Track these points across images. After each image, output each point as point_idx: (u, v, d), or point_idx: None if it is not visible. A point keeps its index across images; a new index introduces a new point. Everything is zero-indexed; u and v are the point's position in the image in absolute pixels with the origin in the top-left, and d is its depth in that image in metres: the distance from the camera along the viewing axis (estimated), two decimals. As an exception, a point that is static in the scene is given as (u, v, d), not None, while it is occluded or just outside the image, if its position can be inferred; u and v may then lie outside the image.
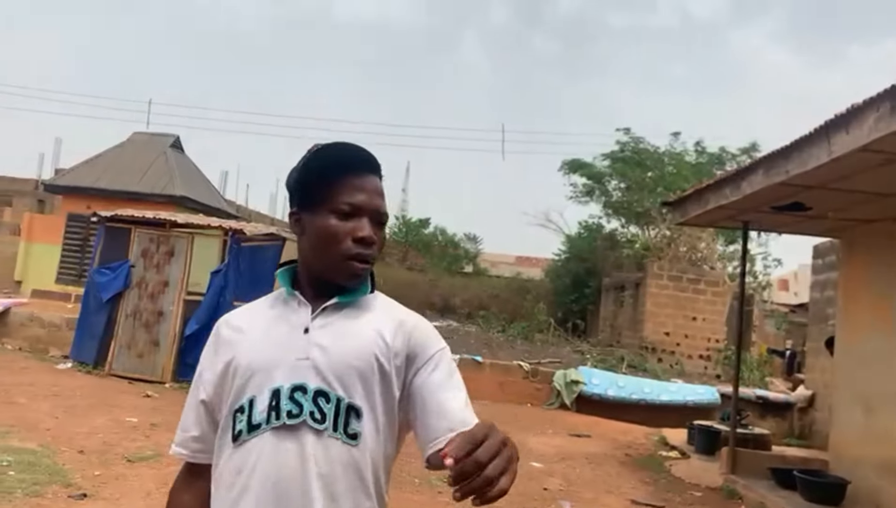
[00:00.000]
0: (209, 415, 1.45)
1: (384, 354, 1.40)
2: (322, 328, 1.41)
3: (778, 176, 6.01)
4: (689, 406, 10.79)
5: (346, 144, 1.49)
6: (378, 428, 1.38)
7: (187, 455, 1.49)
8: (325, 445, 1.33)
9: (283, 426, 1.33)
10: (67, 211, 17.73)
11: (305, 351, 1.38)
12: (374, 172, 1.47)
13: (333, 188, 1.42)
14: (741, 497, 7.02)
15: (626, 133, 21.83)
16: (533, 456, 7.89)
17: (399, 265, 29.77)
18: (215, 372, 1.44)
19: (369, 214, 1.43)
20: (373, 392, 1.37)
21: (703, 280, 16.78)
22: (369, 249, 1.42)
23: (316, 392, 1.35)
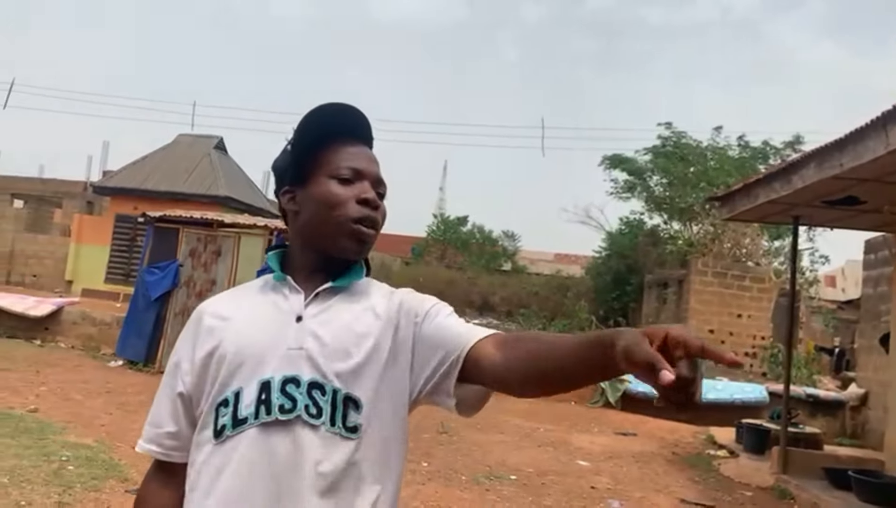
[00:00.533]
0: (187, 410, 1.32)
1: (383, 337, 1.30)
2: (316, 316, 1.30)
3: (831, 169, 5.88)
4: (737, 405, 10.62)
5: (339, 106, 1.36)
6: (382, 416, 1.28)
7: (160, 453, 1.34)
8: (323, 441, 1.22)
9: (274, 421, 1.22)
10: (115, 212, 18.17)
11: (298, 341, 1.27)
12: (368, 142, 1.40)
13: (330, 154, 1.34)
14: (793, 498, 6.88)
15: (667, 127, 21.53)
16: (580, 455, 7.85)
17: (437, 264, 29.82)
18: (195, 363, 1.30)
19: (370, 180, 1.35)
20: (374, 380, 1.27)
21: (748, 277, 16.48)
22: (375, 212, 1.33)
23: (310, 384, 1.24)
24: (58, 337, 12.06)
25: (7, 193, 25.95)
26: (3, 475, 4.94)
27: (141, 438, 1.36)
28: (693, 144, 21.29)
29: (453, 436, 8.04)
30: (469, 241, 33.34)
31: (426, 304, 1.35)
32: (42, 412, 7.12)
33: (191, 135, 20.90)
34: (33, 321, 12.04)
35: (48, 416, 6.95)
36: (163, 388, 1.35)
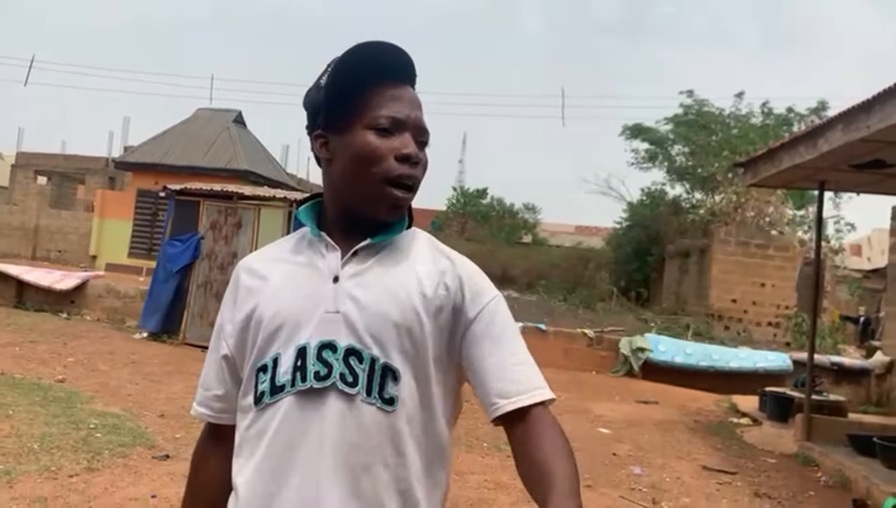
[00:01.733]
0: (232, 372, 1.29)
1: (428, 304, 1.21)
2: (354, 277, 1.22)
3: (858, 132, 5.75)
4: (760, 373, 10.56)
5: (379, 46, 1.24)
6: (422, 389, 1.21)
7: (211, 416, 1.33)
8: (358, 411, 1.16)
9: (309, 388, 1.16)
10: (137, 187, 18.32)
11: (335, 303, 1.20)
12: (411, 82, 1.28)
13: (369, 100, 1.22)
14: (817, 464, 6.85)
15: (688, 96, 21.26)
16: (601, 423, 7.86)
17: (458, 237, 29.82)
18: (236, 325, 1.26)
19: (412, 129, 1.23)
20: (415, 350, 1.20)
21: (771, 246, 16.29)
22: (414, 169, 1.23)
23: (347, 351, 1.17)
24: (83, 310, 12.24)
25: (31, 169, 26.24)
26: (34, 441, 5.04)
27: (194, 401, 1.35)
28: (715, 112, 21.00)
29: (475, 404, 8.03)
30: (489, 213, 33.32)
31: (482, 299, 1.25)
32: (69, 381, 7.24)
33: (210, 109, 20.96)
34: (59, 294, 12.22)
35: (76, 386, 7.06)
36: (210, 351, 1.33)
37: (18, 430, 5.26)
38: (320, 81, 1.26)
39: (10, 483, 4.25)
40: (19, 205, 23.03)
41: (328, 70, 1.25)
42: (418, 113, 1.26)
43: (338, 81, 1.22)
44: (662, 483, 5.82)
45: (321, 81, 1.26)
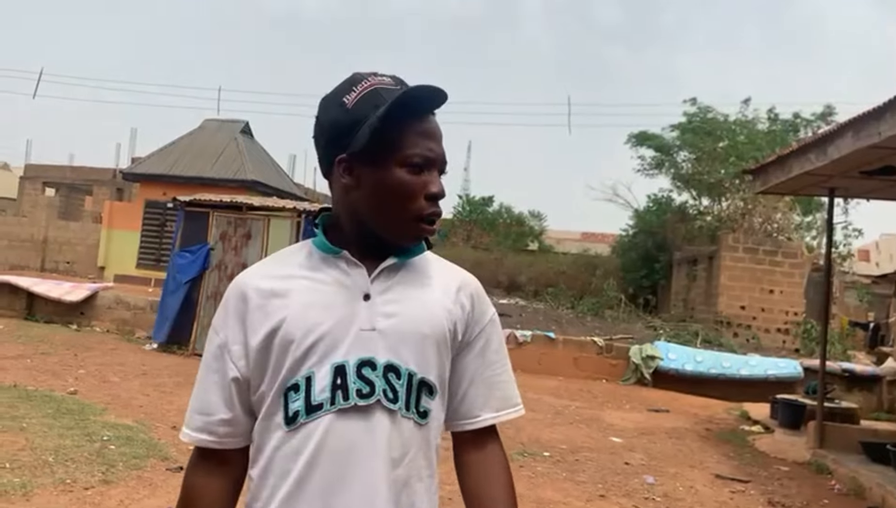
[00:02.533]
0: (242, 395, 1.24)
1: (452, 319, 1.29)
2: (384, 294, 1.25)
3: (869, 138, 5.75)
4: (771, 381, 10.52)
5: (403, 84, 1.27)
6: (443, 402, 1.29)
7: (214, 442, 1.25)
8: (399, 426, 1.20)
9: (352, 406, 1.18)
10: (145, 198, 18.38)
11: (370, 321, 1.22)
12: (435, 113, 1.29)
13: (405, 137, 1.22)
14: (831, 472, 6.81)
15: (692, 103, 21.26)
16: (612, 431, 7.84)
17: (464, 244, 29.83)
18: (250, 346, 1.22)
19: (439, 164, 1.26)
20: (442, 362, 1.27)
21: (780, 252, 16.28)
22: (439, 206, 1.27)
23: (386, 367, 1.21)
24: (93, 321, 12.27)
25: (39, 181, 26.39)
26: (48, 454, 5.05)
27: (186, 427, 1.27)
28: (721, 118, 20.99)
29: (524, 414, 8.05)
30: (495, 221, 33.30)
31: (486, 315, 1.36)
32: (81, 393, 7.26)
33: (217, 120, 21.05)
34: (69, 306, 12.26)
35: (88, 398, 7.08)
36: (208, 373, 1.26)
37: (33, 443, 5.27)
38: (343, 100, 1.23)
39: (26, 496, 4.26)
40: (28, 217, 23.14)
41: (354, 91, 1.23)
42: (442, 147, 1.28)
43: (385, 117, 1.20)
44: (676, 492, 5.80)
45: (344, 100, 1.23)
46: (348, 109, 1.23)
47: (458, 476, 1.34)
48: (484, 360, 1.34)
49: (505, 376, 1.38)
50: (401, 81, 1.27)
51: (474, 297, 1.35)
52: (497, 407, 1.34)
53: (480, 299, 1.36)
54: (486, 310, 1.36)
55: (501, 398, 1.35)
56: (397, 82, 1.26)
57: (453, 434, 1.36)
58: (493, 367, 1.36)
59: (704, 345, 12.87)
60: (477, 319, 1.34)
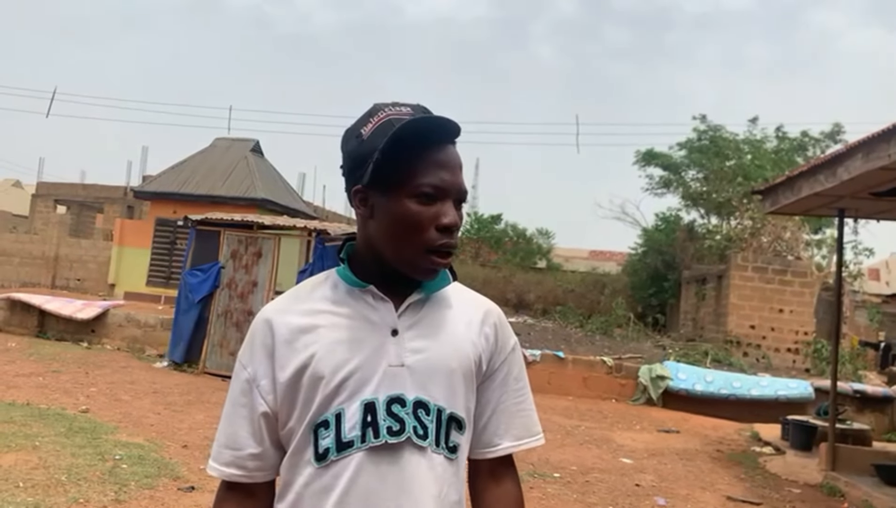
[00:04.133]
0: (271, 429, 1.25)
1: (477, 352, 1.30)
2: (412, 329, 1.25)
3: (879, 160, 5.76)
4: (781, 401, 10.45)
5: (425, 113, 1.25)
6: (470, 434, 1.29)
7: (244, 476, 1.26)
8: (431, 463, 1.21)
9: (383, 444, 1.18)
10: (155, 216, 18.49)
11: (399, 357, 1.22)
12: (454, 141, 1.27)
13: (415, 167, 1.21)
14: (843, 495, 6.76)
15: (702, 121, 21.32)
16: (623, 452, 7.80)
17: (473, 262, 29.84)
18: (278, 381, 1.22)
19: (453, 194, 1.24)
20: (469, 397, 1.28)
21: (789, 271, 16.23)
22: (453, 237, 1.24)
23: (415, 404, 1.21)
24: (104, 339, 12.32)
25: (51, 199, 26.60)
26: (61, 473, 5.07)
27: (215, 461, 1.28)
28: (729, 137, 21.02)
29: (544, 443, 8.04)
30: (503, 239, 33.31)
31: (508, 344, 1.38)
32: (93, 412, 7.28)
33: (227, 138, 21.19)
34: (80, 323, 12.32)
35: (99, 416, 7.11)
36: (235, 407, 1.27)
37: (46, 461, 5.30)
38: (360, 131, 1.24)
39: (40, 515, 4.28)
40: (39, 234, 23.31)
41: (371, 123, 1.24)
42: (459, 176, 1.26)
43: (389, 147, 1.20)
44: (687, 515, 5.78)
45: (361, 131, 1.24)
46: (363, 141, 1.23)
47: (472, 503, 1.36)
48: (506, 389, 1.36)
49: (526, 404, 1.39)
50: (423, 110, 1.26)
51: (497, 327, 1.36)
52: (517, 436, 1.36)
53: (503, 329, 1.37)
54: (508, 339, 1.38)
55: (522, 426, 1.37)
56: (418, 111, 1.25)
57: (470, 461, 1.36)
58: (515, 396, 1.37)
59: (714, 365, 12.81)
60: (500, 349, 1.35)
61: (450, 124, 1.24)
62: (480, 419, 1.34)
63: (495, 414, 1.34)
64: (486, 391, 1.34)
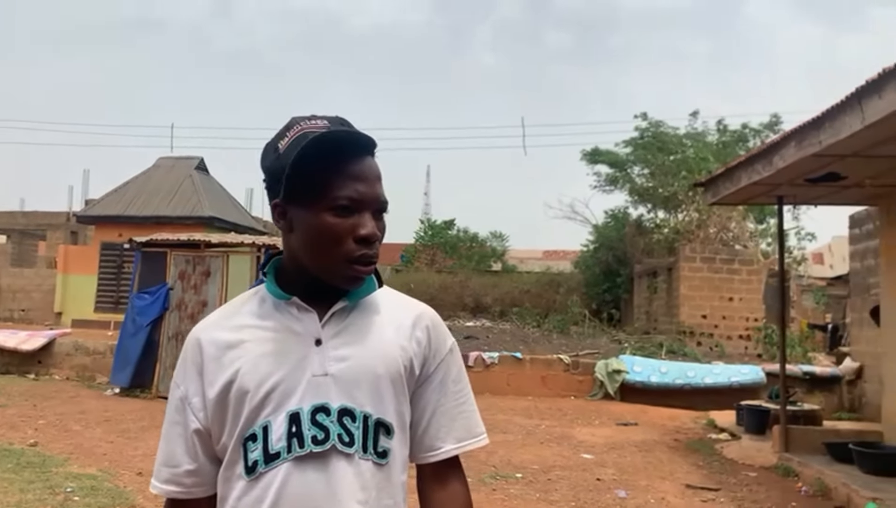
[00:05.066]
0: (205, 445, 1.27)
1: (407, 356, 1.30)
2: (336, 337, 1.26)
3: (811, 148, 5.94)
4: (735, 387, 10.68)
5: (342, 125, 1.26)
6: (403, 436, 1.30)
7: (182, 493, 1.29)
8: (358, 469, 1.22)
9: (308, 454, 1.20)
10: (100, 240, 18.07)
11: (322, 366, 1.23)
12: (371, 153, 1.28)
13: (330, 180, 1.22)
14: (797, 475, 6.94)
15: (643, 119, 21.68)
16: (583, 448, 7.88)
17: (428, 269, 29.81)
18: (209, 397, 1.24)
19: (370, 205, 1.25)
20: (399, 400, 1.29)
21: (736, 260, 16.59)
22: (373, 248, 1.25)
23: (340, 412, 1.22)
24: (52, 369, 11.98)
25: (-11, 229, 25.73)
26: (9, 511, 4.92)
27: (155, 479, 1.31)
28: (671, 132, 21.43)
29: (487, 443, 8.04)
30: (457, 244, 33.38)
31: (444, 347, 1.37)
32: (42, 445, 7.07)
33: (171, 157, 20.83)
34: (26, 355, 11.95)
35: (49, 449, 6.90)
36: (171, 426, 1.29)
37: (-8, 500, 5.13)
38: (278, 145, 1.25)
39: (-13, 556, 4.14)
40: (-21, 265, 22.54)
41: (287, 137, 1.24)
42: (377, 186, 1.27)
43: (298, 162, 1.20)
44: (648, 505, 5.86)
45: (279, 145, 1.25)
46: (280, 155, 1.24)
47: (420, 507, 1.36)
48: (445, 391, 1.35)
49: (466, 405, 1.38)
50: (341, 122, 1.28)
51: (430, 330, 1.36)
52: (459, 438, 1.35)
53: (437, 332, 1.37)
54: (444, 341, 1.38)
55: (463, 428, 1.36)
56: (335, 123, 1.26)
57: (417, 467, 1.37)
58: (454, 398, 1.37)
59: (669, 356, 13.03)
60: (435, 352, 1.35)
61: (363, 137, 1.26)
62: (420, 423, 1.34)
63: (435, 417, 1.34)
64: (423, 394, 1.34)
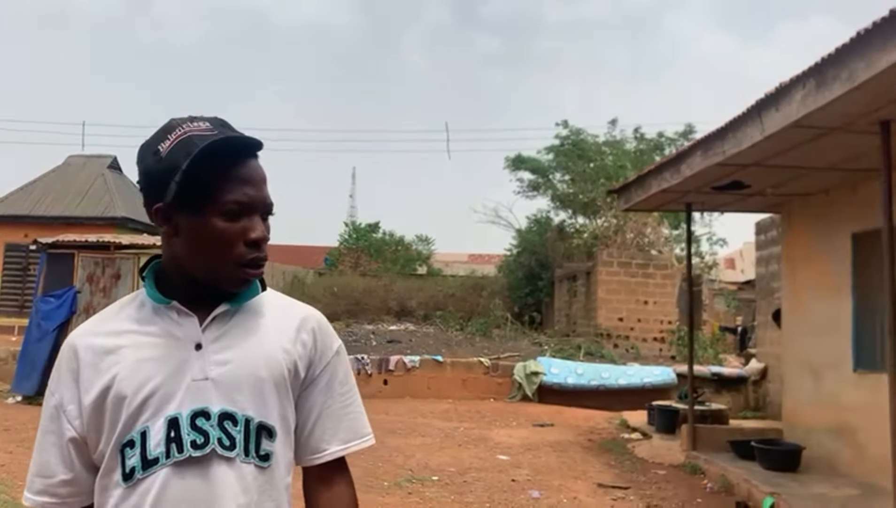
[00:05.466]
0: (81, 454, 1.24)
1: (291, 359, 1.30)
2: (217, 341, 1.25)
3: (715, 157, 6.18)
4: (647, 388, 11.01)
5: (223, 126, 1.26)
6: (287, 439, 1.30)
7: (56, 503, 1.25)
8: (239, 473, 1.21)
9: (187, 458, 1.18)
10: (5, 241, 17.21)
11: (203, 370, 1.22)
12: (256, 155, 1.27)
13: (219, 185, 1.21)
14: (703, 472, 7.20)
15: (564, 126, 22.16)
16: (499, 450, 7.97)
17: (352, 272, 29.59)
18: (84, 405, 1.21)
19: (259, 208, 1.25)
20: (283, 404, 1.28)
21: (651, 264, 17.12)
22: (262, 250, 1.25)
23: (221, 416, 1.21)
24: (-52, 378, 11.33)
25: None
26: None
27: (28, 491, 1.27)
28: (591, 140, 21.96)
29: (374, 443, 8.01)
30: (383, 247, 33.25)
31: (330, 350, 1.37)
32: (-67, 457, 6.69)
33: (82, 155, 20.04)
34: (-81, 362, 11.27)
35: (-60, 461, 6.53)
36: (45, 435, 1.26)
37: None
38: (158, 148, 1.22)
39: None
40: None
41: (168, 139, 1.22)
42: (264, 189, 1.26)
43: (188, 168, 1.19)
44: (560, 504, 5.97)
45: (159, 148, 1.22)
46: (161, 158, 1.22)
47: None
48: (330, 393, 1.35)
49: (353, 407, 1.39)
50: (221, 123, 1.27)
51: (316, 332, 1.35)
52: (345, 439, 1.36)
53: (324, 334, 1.37)
54: (330, 344, 1.38)
55: (349, 429, 1.37)
56: (217, 125, 1.25)
57: (303, 469, 1.37)
58: (340, 399, 1.37)
59: (587, 358, 13.32)
60: (321, 354, 1.35)
61: (250, 141, 1.25)
62: (306, 425, 1.34)
63: (321, 419, 1.34)
64: (309, 396, 1.34)
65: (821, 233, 7.48)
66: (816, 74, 4.62)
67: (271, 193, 1.29)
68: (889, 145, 4.95)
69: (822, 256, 7.40)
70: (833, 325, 7.07)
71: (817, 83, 4.64)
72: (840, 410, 6.91)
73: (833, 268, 7.17)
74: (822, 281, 7.37)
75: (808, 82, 4.72)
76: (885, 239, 4.97)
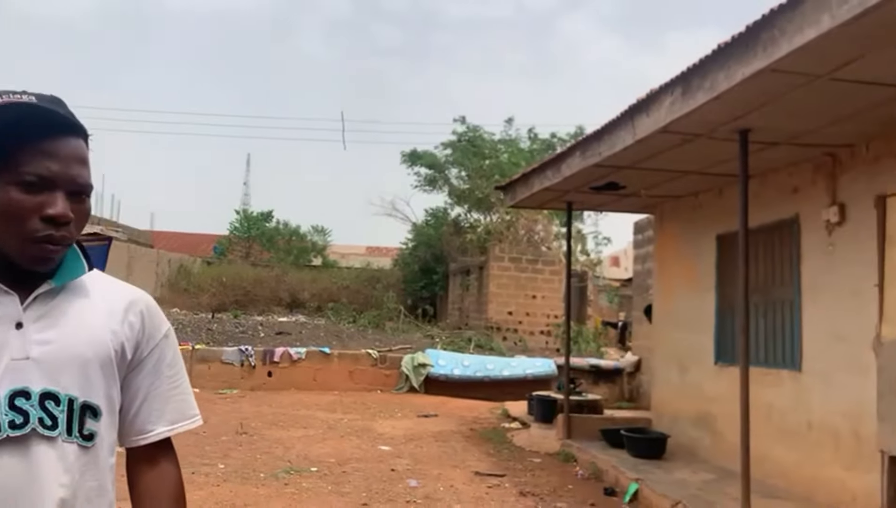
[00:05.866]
0: None
1: (118, 340, 1.30)
2: (40, 320, 1.22)
3: (592, 158, 6.45)
4: (530, 379, 11.36)
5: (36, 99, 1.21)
6: (112, 419, 1.30)
7: None
8: (62, 452, 1.20)
9: (5, 438, 1.15)
10: None
11: (23, 350, 1.19)
12: (75, 134, 1.23)
13: (17, 155, 1.17)
14: (576, 460, 7.51)
15: (462, 123, 22.46)
16: (382, 440, 8.04)
17: (242, 262, 28.93)
18: None
19: (64, 185, 1.19)
20: (108, 384, 1.28)
21: (540, 260, 17.63)
22: (63, 229, 1.20)
23: (42, 396, 1.19)
24: None
25: None
26: None
27: None
28: (487, 137, 22.35)
29: (254, 436, 7.93)
30: (275, 237, 32.66)
31: (159, 332, 1.38)
32: None
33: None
34: None
35: None
36: None
37: None
38: None
39: None
40: None
41: None
42: (77, 168, 1.22)
43: None
44: (437, 493, 6.09)
45: None
46: None
47: (130, 491, 1.36)
48: (158, 375, 1.37)
49: (181, 389, 1.40)
50: (52, 101, 1.23)
51: (144, 314, 1.36)
52: (172, 420, 1.38)
53: (153, 317, 1.38)
54: (159, 326, 1.39)
55: (176, 410, 1.39)
56: (45, 101, 1.22)
57: (127, 451, 1.38)
58: (168, 381, 1.38)
59: (477, 350, 13.60)
60: (149, 337, 1.36)
61: (68, 119, 1.22)
62: (132, 406, 1.35)
63: (147, 401, 1.36)
64: (136, 378, 1.35)
65: (689, 234, 7.93)
66: (683, 83, 4.89)
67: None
68: (747, 153, 5.31)
69: (690, 255, 7.86)
70: (698, 321, 7.53)
71: (683, 91, 4.92)
72: (702, 401, 7.36)
73: (699, 267, 7.63)
74: (689, 279, 7.82)
75: (676, 90, 5.00)
76: (741, 242, 5.35)
